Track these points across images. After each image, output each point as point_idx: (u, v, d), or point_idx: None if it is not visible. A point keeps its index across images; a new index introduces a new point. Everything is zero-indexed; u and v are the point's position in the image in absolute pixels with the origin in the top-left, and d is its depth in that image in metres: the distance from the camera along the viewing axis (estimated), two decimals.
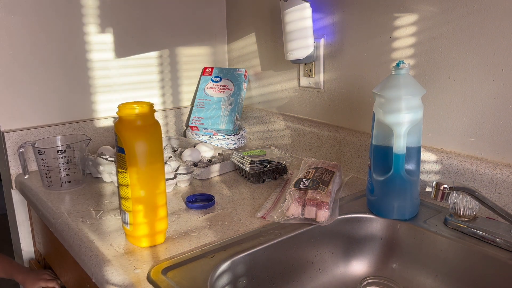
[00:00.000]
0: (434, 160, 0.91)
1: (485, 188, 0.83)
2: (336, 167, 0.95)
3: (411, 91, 0.78)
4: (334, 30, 1.10)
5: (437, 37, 0.89)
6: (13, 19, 1.09)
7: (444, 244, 0.76)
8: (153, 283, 0.64)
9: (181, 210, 0.90)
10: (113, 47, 1.25)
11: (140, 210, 0.72)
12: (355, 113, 1.09)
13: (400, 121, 0.77)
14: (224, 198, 0.96)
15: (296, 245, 0.78)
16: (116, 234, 0.79)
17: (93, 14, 1.20)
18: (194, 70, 1.44)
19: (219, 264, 0.68)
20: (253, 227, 0.80)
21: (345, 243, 0.84)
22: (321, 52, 1.14)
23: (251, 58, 1.40)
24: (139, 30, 1.29)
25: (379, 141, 0.83)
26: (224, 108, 1.37)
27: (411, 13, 0.93)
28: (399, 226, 0.82)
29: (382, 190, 0.82)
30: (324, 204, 0.80)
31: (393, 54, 0.98)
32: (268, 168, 1.04)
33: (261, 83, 1.38)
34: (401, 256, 0.82)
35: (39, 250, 1.17)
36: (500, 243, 0.71)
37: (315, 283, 0.81)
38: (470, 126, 0.87)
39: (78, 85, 1.22)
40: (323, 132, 1.15)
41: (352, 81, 1.08)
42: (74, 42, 1.19)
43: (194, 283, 0.64)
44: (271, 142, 1.33)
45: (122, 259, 0.71)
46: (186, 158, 1.14)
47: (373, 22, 1.01)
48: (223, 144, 1.33)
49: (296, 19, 1.10)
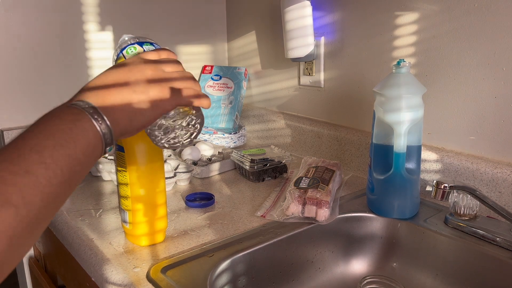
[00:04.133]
0: (434, 159, 0.90)
1: (485, 187, 0.83)
2: (336, 165, 0.95)
3: (412, 90, 0.78)
4: (335, 28, 1.10)
5: (438, 35, 0.88)
6: (12, 16, 1.09)
7: (444, 243, 0.76)
8: (153, 282, 0.64)
9: (181, 209, 0.89)
10: (113, 45, 1.25)
11: (140, 209, 0.72)
12: (355, 112, 1.09)
13: (401, 120, 0.77)
14: (224, 196, 0.96)
15: (296, 244, 0.78)
16: (116, 233, 0.79)
17: (93, 12, 1.20)
18: (194, 69, 1.44)
19: (219, 263, 0.68)
20: (253, 226, 0.80)
21: (345, 242, 0.84)
22: (322, 50, 1.14)
23: (251, 56, 1.39)
24: (139, 29, 1.29)
25: (379, 139, 0.82)
26: (224, 107, 1.37)
27: (411, 11, 0.92)
28: (399, 225, 0.82)
29: (382, 189, 0.82)
30: (324, 203, 0.80)
31: (393, 53, 0.97)
32: (268, 167, 1.04)
33: (261, 81, 1.37)
34: (401, 255, 0.82)
35: (38, 249, 1.17)
36: (501, 242, 0.71)
37: (315, 282, 0.81)
38: (470, 125, 0.86)
39: (78, 83, 1.21)
40: (323, 131, 1.15)
41: (352, 80, 1.08)
42: (74, 40, 1.18)
43: (193, 282, 0.63)
44: (271, 140, 1.32)
45: (122, 258, 0.71)
46: (186, 157, 1.14)
47: (373, 21, 1.01)
48: (223, 142, 1.33)
49: (297, 17, 1.10)
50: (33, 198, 0.36)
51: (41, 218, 0.38)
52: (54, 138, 0.40)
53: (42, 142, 0.39)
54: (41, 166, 0.37)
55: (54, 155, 0.39)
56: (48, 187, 0.38)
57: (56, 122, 0.42)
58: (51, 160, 0.38)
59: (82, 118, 0.43)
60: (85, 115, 0.43)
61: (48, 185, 0.38)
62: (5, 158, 0.37)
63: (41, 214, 0.38)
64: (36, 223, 0.37)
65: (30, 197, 0.36)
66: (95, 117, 0.43)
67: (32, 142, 0.38)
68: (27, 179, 0.36)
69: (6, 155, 0.37)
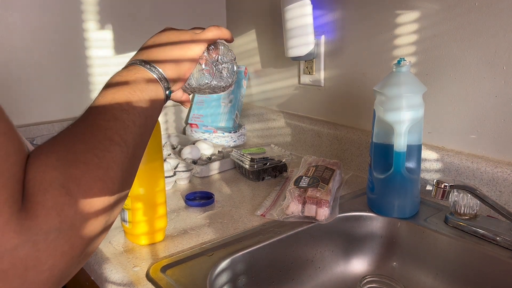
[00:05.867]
0: (434, 158, 0.90)
1: (485, 186, 0.82)
2: (336, 165, 0.95)
3: (412, 89, 0.77)
4: (335, 27, 1.10)
5: (439, 34, 0.88)
6: (12, 15, 1.08)
7: (444, 243, 0.76)
8: (152, 281, 0.63)
9: (181, 208, 0.89)
10: (113, 44, 1.24)
11: (139, 208, 0.72)
12: (355, 111, 1.09)
13: (401, 119, 0.77)
14: (224, 196, 0.96)
15: (296, 243, 0.78)
16: (115, 231, 0.79)
17: (93, 10, 1.20)
18: None
19: (219, 262, 0.68)
20: (253, 225, 0.80)
21: (345, 241, 0.84)
22: (322, 49, 1.14)
23: (251, 55, 1.39)
24: (139, 27, 1.29)
25: (379, 139, 0.82)
26: (224, 106, 1.36)
27: (412, 10, 0.92)
28: (399, 224, 0.82)
29: (382, 188, 0.82)
30: (324, 202, 0.80)
31: (394, 52, 0.97)
32: (268, 166, 1.04)
33: (261, 80, 1.37)
34: (401, 254, 0.82)
35: None
36: (501, 241, 0.71)
37: (315, 281, 0.81)
38: (471, 124, 0.86)
39: (78, 82, 1.21)
40: (323, 130, 1.14)
41: (352, 79, 1.08)
42: (74, 38, 1.18)
43: (193, 281, 0.63)
44: (271, 139, 1.32)
45: (121, 257, 0.71)
46: (185, 156, 1.14)
47: (374, 20, 1.00)
48: (222, 141, 1.33)
49: (297, 16, 1.10)
50: (127, 137, 0.45)
51: (136, 155, 0.47)
52: (125, 90, 0.50)
53: (117, 94, 0.48)
54: (123, 112, 0.47)
55: (130, 103, 0.48)
56: (133, 127, 0.47)
57: (123, 78, 0.52)
58: (128, 107, 0.48)
59: (140, 70, 0.54)
60: (141, 68, 0.54)
61: (133, 126, 0.47)
62: (95, 110, 0.46)
63: (135, 151, 0.47)
64: (134, 159, 0.47)
65: (124, 136, 0.45)
66: (149, 67, 0.54)
67: (110, 96, 0.48)
68: (118, 123, 0.45)
69: (95, 108, 0.47)
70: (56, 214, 0.36)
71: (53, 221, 0.36)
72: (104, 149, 0.42)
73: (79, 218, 0.38)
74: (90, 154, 0.41)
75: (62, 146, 0.41)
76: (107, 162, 0.42)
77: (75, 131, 0.43)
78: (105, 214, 0.42)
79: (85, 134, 0.43)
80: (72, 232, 0.38)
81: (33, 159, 0.39)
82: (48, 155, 0.39)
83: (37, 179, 0.37)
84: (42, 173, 0.37)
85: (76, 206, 0.38)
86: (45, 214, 0.36)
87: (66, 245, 0.37)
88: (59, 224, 0.36)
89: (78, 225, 0.38)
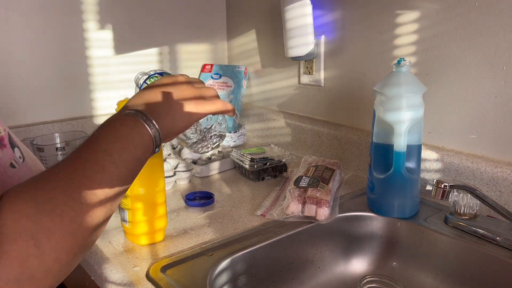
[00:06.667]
0: (434, 158, 0.90)
1: (485, 186, 0.82)
2: (336, 165, 0.95)
3: (412, 89, 0.77)
4: (335, 27, 1.10)
5: (439, 34, 0.88)
6: (12, 15, 1.08)
7: (444, 243, 0.76)
8: (152, 281, 0.63)
9: (181, 208, 0.89)
10: (113, 44, 1.24)
11: (139, 208, 0.72)
12: (355, 111, 1.09)
13: (401, 119, 0.77)
14: (224, 196, 0.96)
15: (295, 243, 0.78)
16: (115, 231, 0.79)
17: (93, 10, 1.20)
18: (193, 67, 1.44)
19: (219, 262, 0.68)
20: (253, 225, 0.80)
21: (345, 241, 0.84)
22: (322, 49, 1.14)
23: (251, 55, 1.39)
24: (139, 27, 1.29)
25: (379, 139, 0.82)
26: None
27: (412, 10, 0.92)
28: (399, 224, 0.82)
29: (382, 188, 0.82)
30: (324, 202, 0.80)
31: (394, 52, 0.97)
32: (268, 166, 1.04)
33: (261, 80, 1.37)
34: (401, 254, 0.82)
35: None
36: (501, 241, 0.71)
37: (315, 281, 0.81)
38: (471, 124, 0.86)
39: (77, 82, 1.21)
40: (323, 130, 1.14)
41: (352, 79, 1.08)
42: (73, 38, 1.18)
43: (193, 281, 0.63)
44: (271, 139, 1.32)
45: (121, 257, 0.71)
46: (185, 156, 1.14)
47: (374, 20, 1.00)
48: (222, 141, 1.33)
49: (297, 16, 1.10)
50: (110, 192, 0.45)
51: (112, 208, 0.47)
52: (120, 142, 0.49)
53: (111, 145, 0.48)
54: (113, 165, 0.46)
55: (121, 157, 0.48)
56: (118, 182, 0.47)
57: (118, 129, 0.50)
58: (119, 161, 0.47)
59: (138, 124, 0.52)
60: (140, 122, 0.52)
61: (118, 180, 0.47)
62: (87, 158, 0.46)
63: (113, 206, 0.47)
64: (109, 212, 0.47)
65: (108, 192, 0.45)
66: (148, 123, 0.52)
67: (103, 146, 0.47)
68: (105, 177, 0.45)
69: (87, 155, 0.46)
70: (19, 264, 0.37)
71: (14, 271, 0.37)
72: (85, 202, 0.42)
73: (42, 269, 0.39)
74: (67, 207, 0.41)
75: (42, 192, 0.41)
76: (83, 216, 0.42)
77: (61, 177, 0.43)
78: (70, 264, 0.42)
79: (70, 183, 0.43)
80: (30, 284, 0.38)
81: (8, 203, 0.39)
82: (26, 200, 0.40)
83: (8, 227, 0.38)
84: (14, 222, 0.38)
85: (41, 258, 0.38)
86: (8, 264, 0.37)
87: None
88: (19, 275, 0.37)
89: (38, 276, 0.38)
